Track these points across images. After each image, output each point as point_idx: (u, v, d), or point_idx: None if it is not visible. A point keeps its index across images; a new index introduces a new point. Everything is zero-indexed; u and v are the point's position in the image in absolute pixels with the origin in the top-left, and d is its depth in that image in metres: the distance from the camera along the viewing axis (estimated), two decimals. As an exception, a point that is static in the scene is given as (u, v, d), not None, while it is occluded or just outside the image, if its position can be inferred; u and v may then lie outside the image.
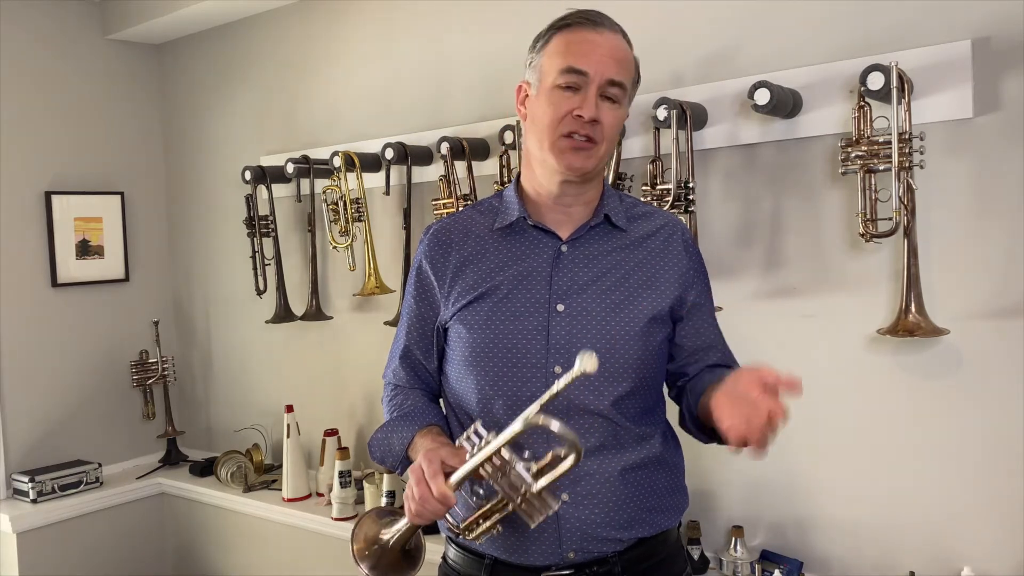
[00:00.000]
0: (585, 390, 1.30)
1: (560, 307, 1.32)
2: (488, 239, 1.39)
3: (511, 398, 1.31)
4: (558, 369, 1.29)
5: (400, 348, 1.46)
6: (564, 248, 1.36)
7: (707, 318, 1.42)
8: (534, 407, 1.15)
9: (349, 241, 2.57)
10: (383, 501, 2.41)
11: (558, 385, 1.12)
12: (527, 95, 1.35)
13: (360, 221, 2.55)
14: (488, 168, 2.34)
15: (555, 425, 1.14)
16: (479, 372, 1.34)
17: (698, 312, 1.40)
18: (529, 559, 1.34)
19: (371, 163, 2.54)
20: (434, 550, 1.46)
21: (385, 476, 2.41)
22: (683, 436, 1.45)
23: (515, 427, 1.17)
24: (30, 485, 2.81)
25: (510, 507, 1.23)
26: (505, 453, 1.19)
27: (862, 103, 1.69)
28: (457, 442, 1.27)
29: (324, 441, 2.71)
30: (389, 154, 2.41)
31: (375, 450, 1.44)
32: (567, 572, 1.33)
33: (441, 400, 1.48)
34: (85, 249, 3.11)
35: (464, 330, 1.35)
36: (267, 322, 2.85)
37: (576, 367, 1.08)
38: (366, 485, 2.50)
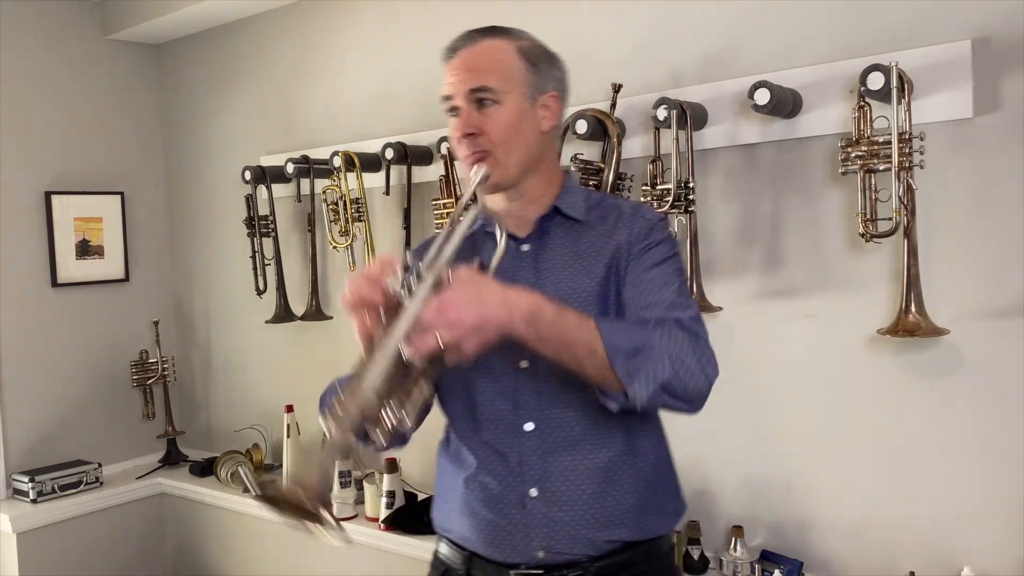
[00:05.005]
0: (554, 380, 1.30)
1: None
2: (467, 244, 1.38)
3: (487, 389, 1.35)
4: (524, 364, 1.32)
5: None
6: (525, 247, 1.37)
7: (647, 277, 1.31)
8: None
9: (349, 241, 2.56)
10: (383, 501, 2.41)
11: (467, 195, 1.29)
12: None
13: (360, 221, 2.55)
14: (488, 168, 2.34)
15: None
16: (458, 373, 1.32)
17: (636, 271, 1.32)
18: (501, 555, 1.34)
19: (371, 163, 2.54)
20: (426, 548, 1.47)
21: (385, 476, 2.41)
22: (676, 435, 1.44)
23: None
24: (30, 485, 2.81)
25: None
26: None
27: (862, 103, 1.69)
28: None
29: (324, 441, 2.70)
30: (389, 154, 2.41)
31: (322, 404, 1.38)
32: (537, 572, 1.33)
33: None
34: (85, 249, 3.11)
35: None
36: (267, 322, 2.85)
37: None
38: (366, 485, 2.50)
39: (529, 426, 1.33)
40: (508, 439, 1.34)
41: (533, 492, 1.32)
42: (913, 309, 1.67)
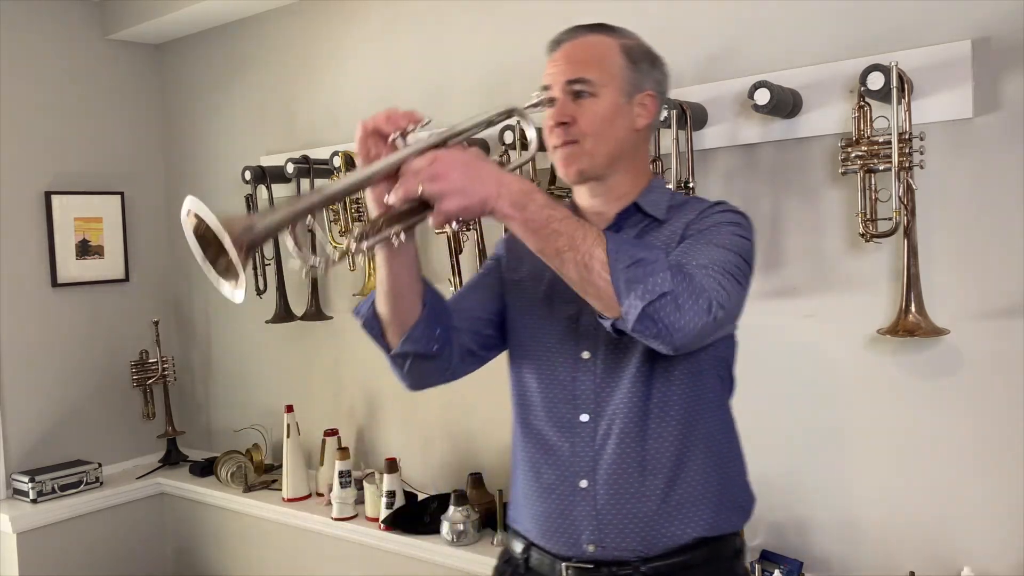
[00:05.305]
0: (613, 373, 1.31)
1: None
2: None
3: (544, 375, 1.38)
4: (585, 355, 1.33)
5: None
6: None
7: (683, 248, 1.27)
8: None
9: (349, 241, 2.56)
10: (383, 501, 2.41)
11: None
12: None
13: (360, 221, 2.54)
14: (488, 168, 2.34)
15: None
16: (517, 350, 1.43)
17: (681, 247, 1.28)
18: (555, 546, 1.35)
19: (371, 163, 2.53)
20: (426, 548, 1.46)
21: (385, 476, 2.41)
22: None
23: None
24: (30, 485, 2.81)
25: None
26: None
27: (862, 103, 1.69)
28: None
29: (324, 441, 2.71)
30: (389, 154, 2.41)
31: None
32: (588, 567, 1.32)
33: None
34: (85, 249, 3.11)
35: (512, 312, 1.45)
36: (267, 322, 2.85)
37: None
38: (366, 485, 2.50)
39: (584, 417, 1.33)
40: (563, 429, 1.35)
41: (583, 484, 1.32)
42: (913, 309, 1.67)
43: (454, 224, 1.20)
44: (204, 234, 1.06)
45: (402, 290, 1.31)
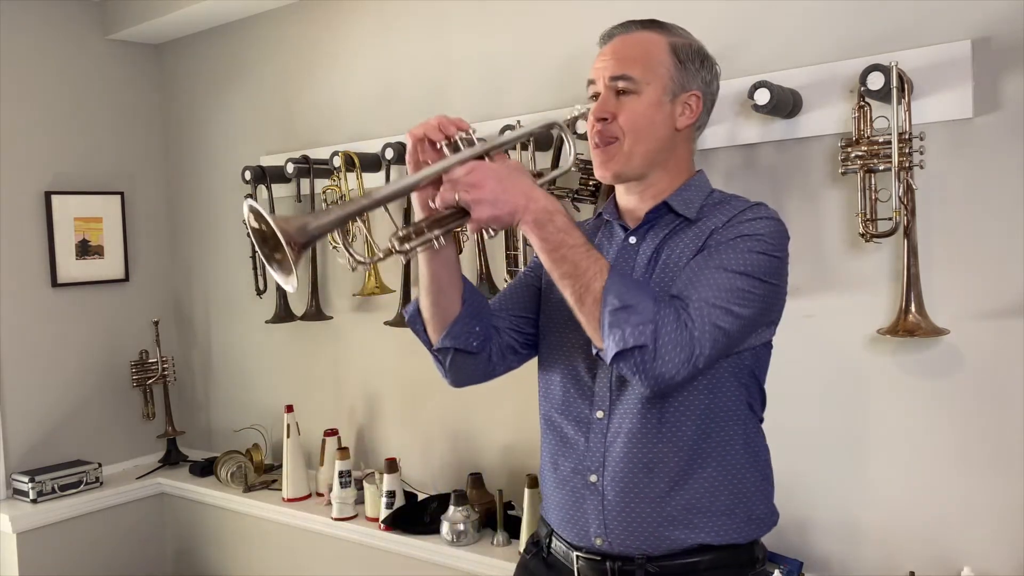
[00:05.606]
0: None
1: None
2: (592, 236, 1.47)
3: (566, 371, 1.42)
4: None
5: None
6: (632, 240, 1.40)
7: (693, 269, 1.27)
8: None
9: (349, 241, 2.56)
10: (383, 501, 2.41)
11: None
12: None
13: (360, 221, 2.54)
14: (488, 168, 2.34)
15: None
16: (545, 346, 1.47)
17: (692, 264, 1.29)
18: (569, 535, 1.39)
19: (371, 163, 2.54)
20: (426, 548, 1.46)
21: (385, 476, 2.41)
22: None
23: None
24: (30, 485, 2.81)
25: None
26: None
27: (862, 103, 1.69)
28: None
29: (324, 441, 2.71)
30: (389, 154, 2.41)
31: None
32: (595, 559, 1.35)
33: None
34: (85, 249, 3.11)
35: (544, 310, 1.49)
36: (267, 322, 2.85)
37: None
38: (366, 485, 2.50)
39: (599, 414, 1.36)
40: (579, 424, 1.38)
41: (593, 478, 1.35)
42: (913, 309, 1.67)
43: (490, 231, 1.26)
44: (263, 231, 1.17)
45: (442, 287, 1.37)
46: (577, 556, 1.37)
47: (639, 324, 1.15)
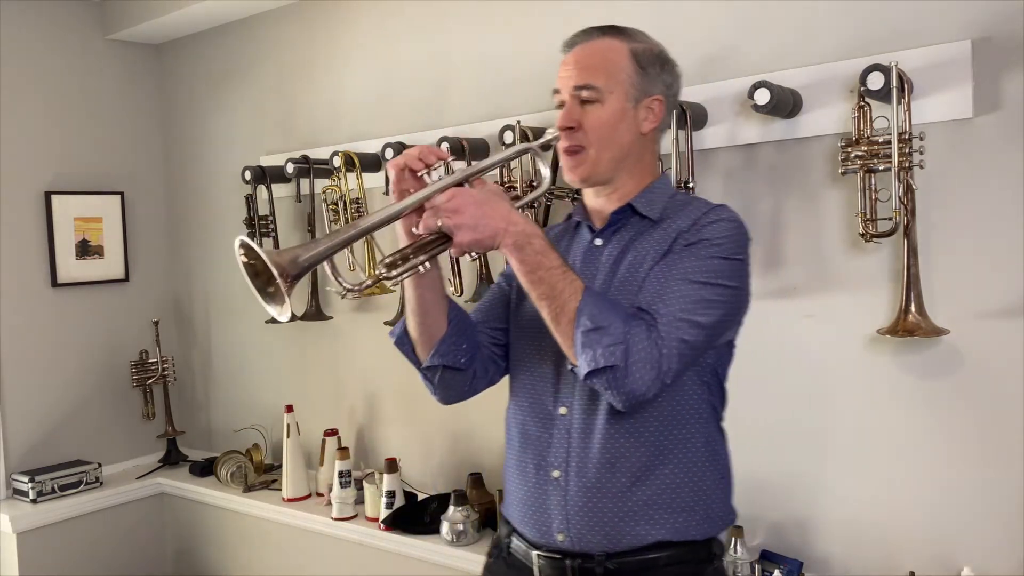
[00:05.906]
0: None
1: None
2: (563, 237, 1.53)
3: (531, 370, 1.45)
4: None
5: None
6: (597, 242, 1.43)
7: (658, 278, 1.30)
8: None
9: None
10: (383, 501, 2.41)
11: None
12: None
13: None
14: (488, 168, 2.34)
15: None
16: (514, 348, 1.50)
17: (669, 265, 1.31)
18: (530, 533, 1.40)
19: (371, 163, 2.54)
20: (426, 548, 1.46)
21: (385, 476, 2.41)
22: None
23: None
24: (30, 485, 2.81)
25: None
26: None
27: (862, 103, 1.69)
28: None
29: (324, 441, 2.71)
30: (389, 154, 2.41)
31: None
32: (556, 557, 1.36)
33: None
34: (85, 249, 3.11)
35: (512, 311, 1.52)
36: (267, 322, 2.86)
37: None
38: (366, 485, 2.50)
39: (563, 410, 1.38)
40: (543, 420, 1.40)
41: (556, 474, 1.36)
42: (913, 309, 1.67)
43: (472, 254, 1.30)
44: (255, 265, 1.22)
45: (428, 308, 1.42)
46: (537, 555, 1.39)
47: (610, 345, 1.21)
